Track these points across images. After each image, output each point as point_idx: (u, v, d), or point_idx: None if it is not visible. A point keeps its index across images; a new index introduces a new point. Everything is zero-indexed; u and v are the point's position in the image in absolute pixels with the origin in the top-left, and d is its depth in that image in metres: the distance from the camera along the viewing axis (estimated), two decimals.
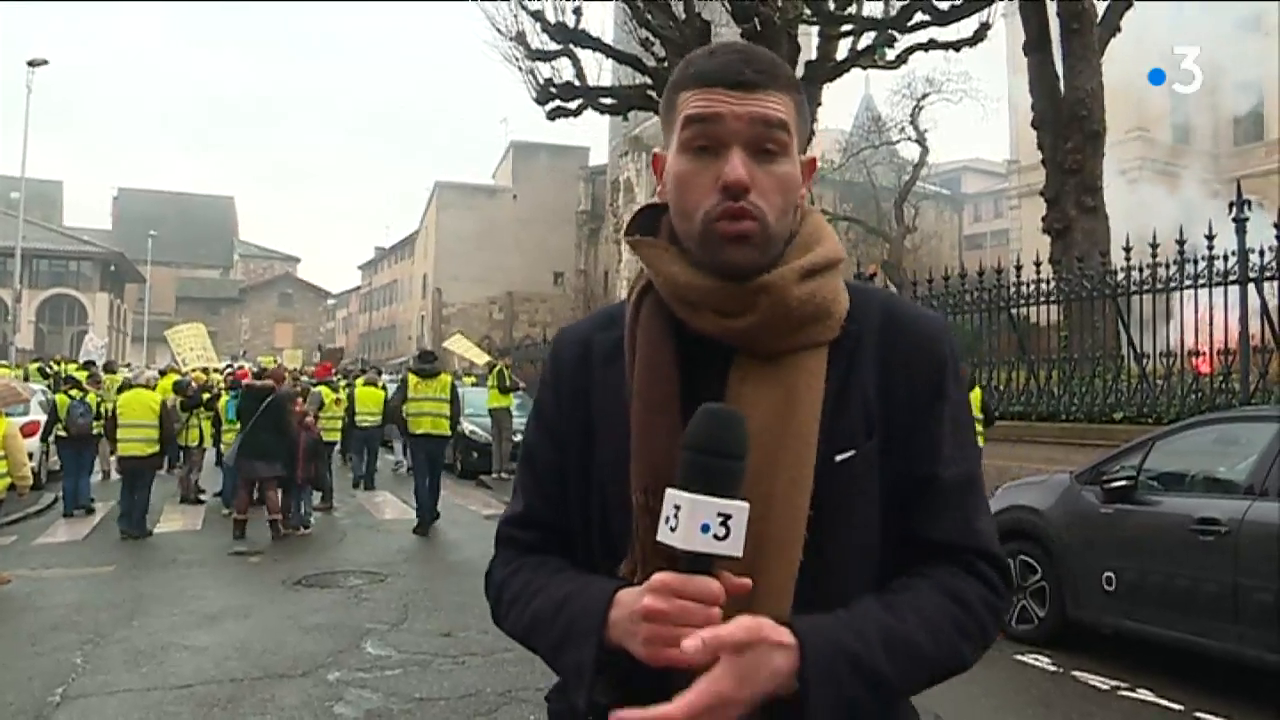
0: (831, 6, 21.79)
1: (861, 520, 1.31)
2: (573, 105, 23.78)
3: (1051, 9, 18.01)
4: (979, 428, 13.21)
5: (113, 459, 15.06)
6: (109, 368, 22.88)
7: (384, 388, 18.51)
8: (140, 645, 7.46)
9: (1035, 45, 18.19)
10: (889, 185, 44.84)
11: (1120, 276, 12.39)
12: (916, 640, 1.24)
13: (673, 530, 1.11)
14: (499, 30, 24.16)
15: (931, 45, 22.75)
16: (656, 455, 1.25)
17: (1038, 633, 7.36)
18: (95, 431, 14.59)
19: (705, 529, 1.09)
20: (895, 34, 21.76)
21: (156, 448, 12.99)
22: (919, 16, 20.60)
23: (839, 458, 1.29)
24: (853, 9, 21.99)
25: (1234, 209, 10.88)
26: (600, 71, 32.05)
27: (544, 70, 23.91)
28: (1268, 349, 10.97)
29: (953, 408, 1.39)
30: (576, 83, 23.67)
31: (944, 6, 20.34)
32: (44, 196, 76.89)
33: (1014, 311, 13.98)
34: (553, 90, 23.76)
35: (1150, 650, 6.72)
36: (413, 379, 13.26)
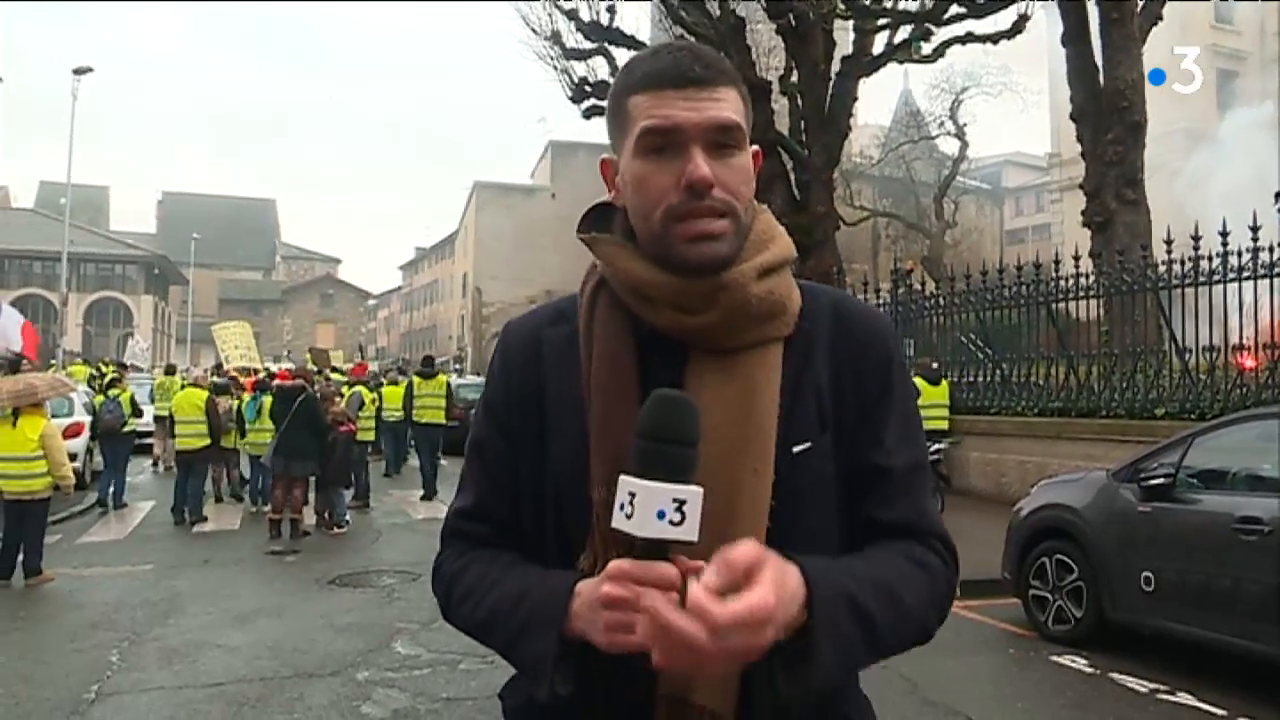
0: (867, 1, 21.61)
1: (820, 507, 1.34)
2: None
3: None
4: (946, 414, 13.57)
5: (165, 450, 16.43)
6: (170, 370, 23.33)
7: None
8: (174, 643, 7.52)
9: (1074, 36, 17.91)
10: (928, 180, 44.44)
11: (1161, 269, 12.19)
12: (898, 591, 1.27)
13: (628, 518, 1.11)
14: (533, 30, 24.21)
15: (969, 38, 22.53)
16: (617, 451, 1.23)
17: (1074, 633, 7.22)
18: (126, 429, 14.94)
19: (661, 515, 1.09)
20: (931, 27, 21.56)
21: (207, 440, 14.15)
22: (954, 9, 20.39)
23: (797, 449, 1.31)
24: (889, 3, 21.79)
25: (1278, 199, 10.68)
26: None
27: (579, 69, 23.90)
28: None
29: (900, 400, 1.42)
30: (611, 81, 23.62)
31: None
32: (90, 202, 78.14)
33: (1054, 306, 13.80)
34: (588, 89, 23.81)
35: (1191, 653, 6.56)
36: (417, 380, 16.57)
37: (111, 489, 14.83)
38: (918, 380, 14.37)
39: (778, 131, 21.51)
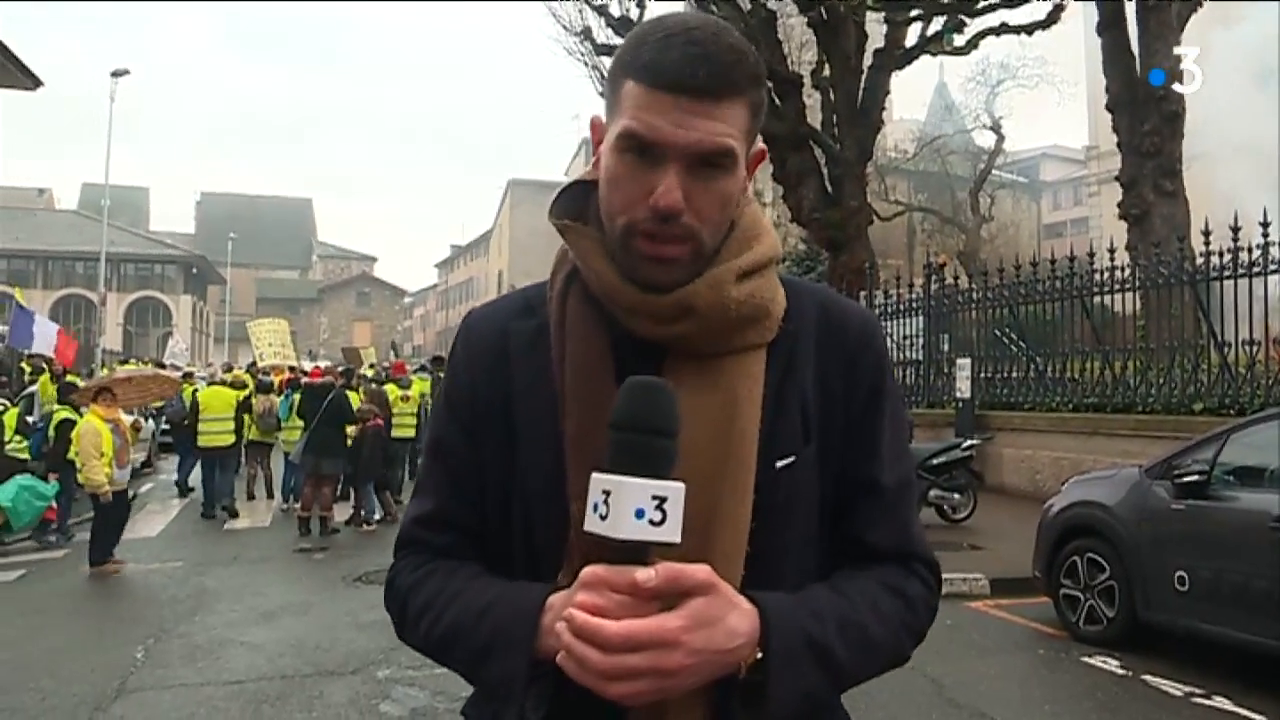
0: None
1: (801, 525, 1.27)
2: None
3: None
4: None
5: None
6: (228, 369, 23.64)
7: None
8: (199, 640, 7.54)
9: (1109, 24, 17.67)
10: (964, 175, 43.99)
11: (1199, 261, 11.95)
12: (867, 627, 1.21)
13: (603, 519, 1.02)
14: (564, 26, 24.17)
15: (1003, 29, 22.25)
16: (594, 461, 1.12)
17: (1106, 634, 7.07)
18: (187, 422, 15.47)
19: (640, 514, 1.01)
20: (964, 19, 21.31)
21: (233, 438, 14.56)
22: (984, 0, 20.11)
23: (780, 463, 1.23)
24: None
25: None
26: None
27: (610, 65, 23.89)
28: None
29: (892, 405, 1.35)
30: None
31: None
32: (130, 203, 79.20)
33: (1089, 300, 13.58)
34: None
35: (1227, 655, 6.38)
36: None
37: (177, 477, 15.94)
38: None
39: (810, 126, 21.36)
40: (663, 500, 1.01)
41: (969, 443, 12.17)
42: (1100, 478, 7.87)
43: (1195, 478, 6.51)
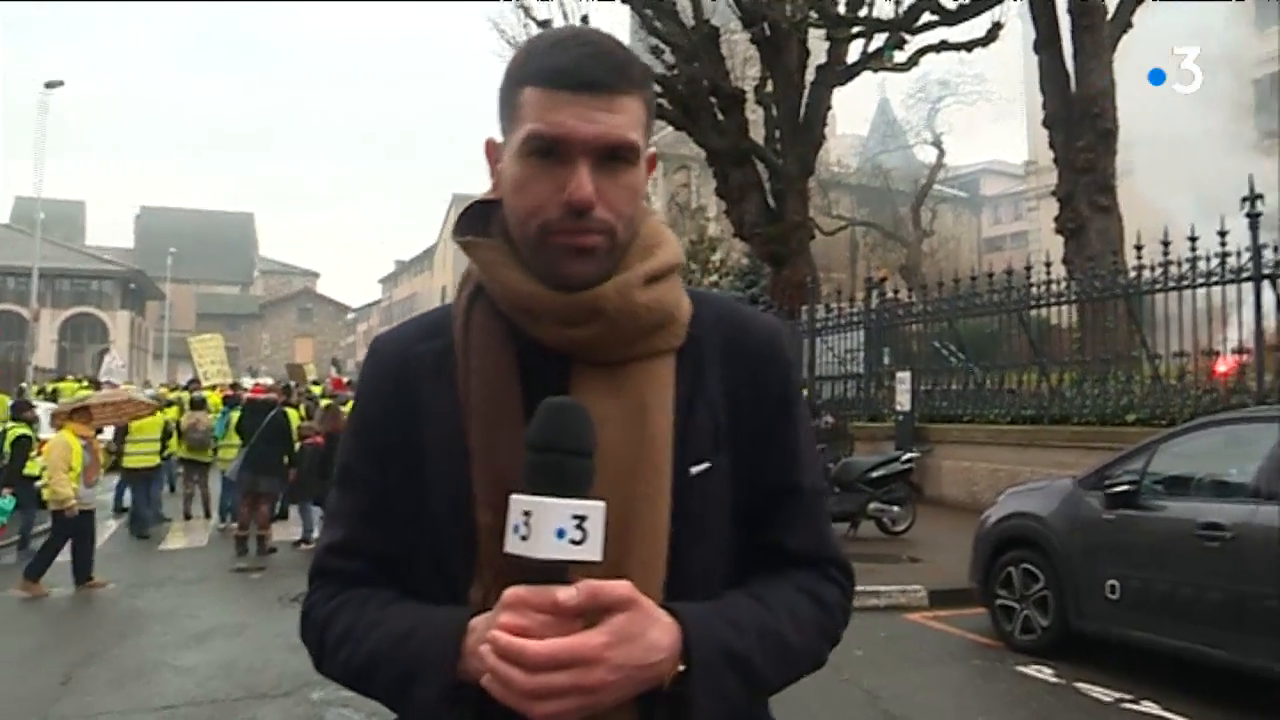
0: (841, 10, 21.64)
1: (717, 531, 1.27)
2: None
3: (1062, 6, 17.75)
4: None
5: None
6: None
7: None
8: (128, 665, 7.37)
9: (1045, 43, 17.96)
10: (906, 189, 44.57)
11: (1132, 275, 12.18)
12: (786, 635, 1.22)
13: (524, 539, 1.03)
14: (507, 41, 24.14)
15: (943, 46, 22.53)
16: (502, 471, 1.14)
17: (1041, 643, 7.13)
18: None
19: (560, 534, 1.02)
20: (904, 36, 21.57)
21: (158, 459, 14.29)
22: (927, 16, 20.39)
23: (694, 469, 1.23)
24: (862, 11, 21.80)
25: (1246, 204, 10.67)
26: None
27: (500, 85, 23.84)
28: None
29: (801, 416, 1.37)
30: None
31: (952, 6, 20.12)
32: (66, 216, 77.57)
33: (1026, 314, 13.79)
34: None
35: (1157, 661, 6.47)
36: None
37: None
38: None
39: (752, 141, 21.51)
40: (583, 519, 1.02)
41: (908, 455, 12.28)
42: (1035, 489, 7.97)
43: (1125, 488, 6.61)
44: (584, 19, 23.14)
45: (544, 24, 23.18)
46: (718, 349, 1.29)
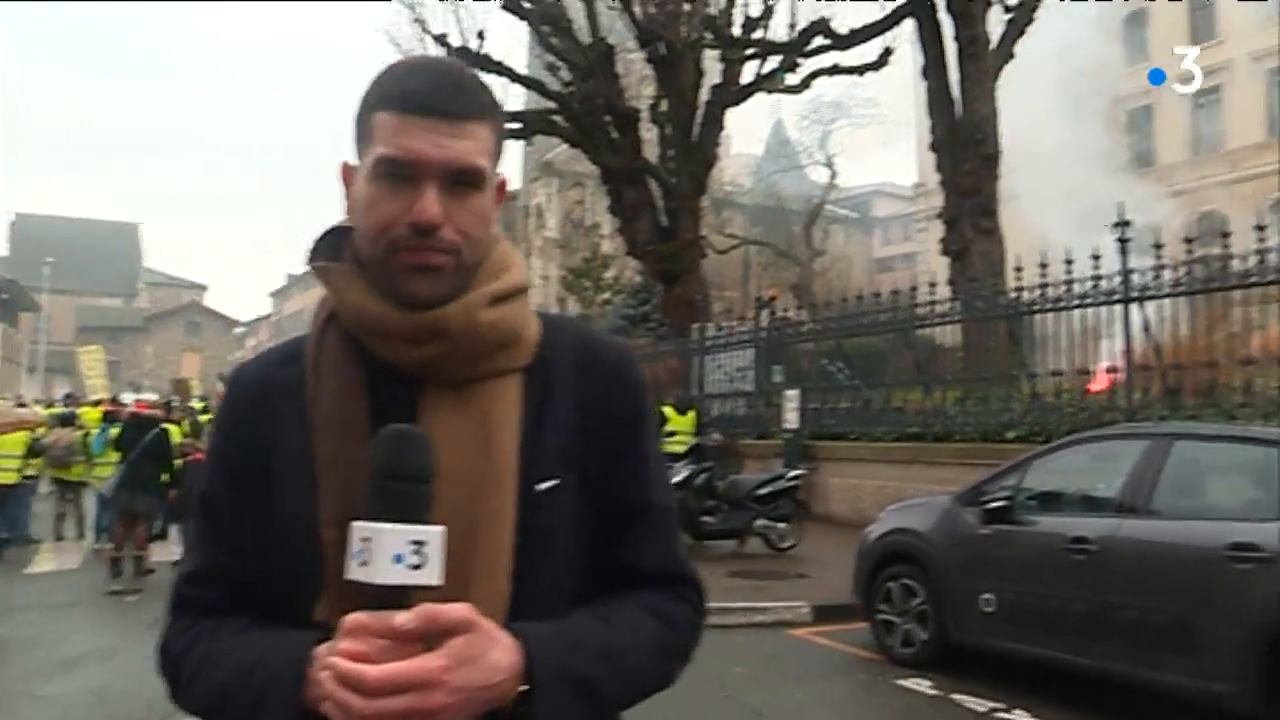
0: (736, 32, 21.97)
1: (565, 549, 1.28)
2: None
3: (950, 34, 18.30)
4: (689, 440, 14.02)
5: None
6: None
7: None
8: None
9: (933, 70, 18.50)
10: (799, 209, 45.34)
11: (1012, 296, 12.57)
12: (630, 654, 1.24)
13: (364, 565, 1.04)
14: (402, 55, 23.87)
15: (836, 70, 23.07)
16: (347, 489, 1.16)
17: (920, 656, 7.28)
18: None
19: (399, 559, 1.04)
20: (798, 59, 22.00)
21: (17, 476, 13.78)
22: (819, 40, 20.83)
23: (540, 486, 1.25)
24: (757, 34, 22.18)
25: (1116, 229, 11.10)
26: (506, 96, 32.04)
27: (355, 111, 23.59)
28: (1151, 367, 11.17)
29: (652, 437, 1.40)
30: None
31: (844, 31, 20.60)
32: None
33: (912, 333, 14.13)
34: None
35: (1032, 671, 6.66)
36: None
37: None
38: (667, 408, 15.02)
39: (645, 160, 21.69)
40: (421, 544, 1.04)
41: (795, 473, 12.45)
42: (915, 505, 8.15)
43: (1000, 503, 6.80)
44: (480, 35, 23.12)
45: (440, 38, 23.08)
46: (568, 370, 1.32)
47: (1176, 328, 11.27)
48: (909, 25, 19.54)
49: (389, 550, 1.03)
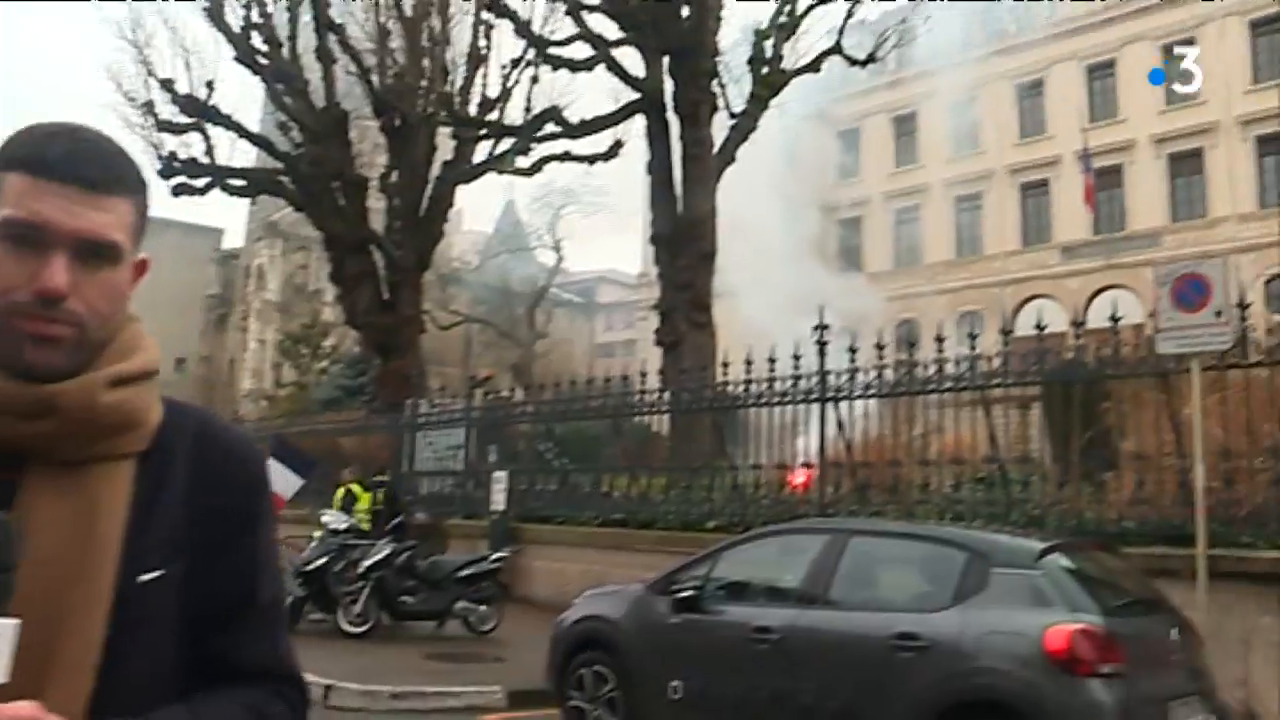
0: (472, 111, 22.09)
1: (164, 642, 1.24)
2: (199, 183, 22.36)
3: (676, 134, 19.11)
4: (369, 519, 14.06)
5: None
6: None
7: None
8: None
9: (657, 166, 19.23)
10: (525, 290, 45.77)
11: (718, 390, 13.03)
12: None
13: None
14: (127, 95, 22.47)
15: (567, 157, 23.58)
16: None
17: None
18: None
19: None
20: (529, 143, 22.33)
21: None
22: (551, 127, 21.25)
23: (143, 577, 1.21)
24: (493, 115, 22.39)
25: (815, 332, 11.74)
26: (234, 152, 30.78)
27: (170, 143, 22.29)
28: (843, 464, 11.80)
29: (266, 530, 1.38)
30: (204, 160, 22.31)
31: (575, 120, 21.11)
32: None
33: (624, 420, 14.37)
34: (177, 165, 22.22)
35: None
36: None
37: None
38: (354, 486, 14.80)
39: (371, 230, 21.36)
40: None
41: (498, 555, 12.33)
42: (610, 592, 8.18)
43: (689, 593, 6.92)
44: (209, 84, 22.09)
45: (165, 82, 21.89)
46: (187, 459, 1.28)
47: (869, 427, 11.98)
48: (640, 120, 20.28)
49: None
